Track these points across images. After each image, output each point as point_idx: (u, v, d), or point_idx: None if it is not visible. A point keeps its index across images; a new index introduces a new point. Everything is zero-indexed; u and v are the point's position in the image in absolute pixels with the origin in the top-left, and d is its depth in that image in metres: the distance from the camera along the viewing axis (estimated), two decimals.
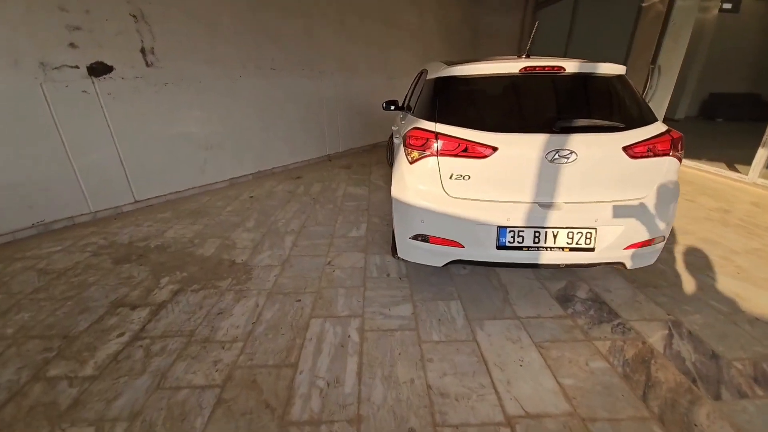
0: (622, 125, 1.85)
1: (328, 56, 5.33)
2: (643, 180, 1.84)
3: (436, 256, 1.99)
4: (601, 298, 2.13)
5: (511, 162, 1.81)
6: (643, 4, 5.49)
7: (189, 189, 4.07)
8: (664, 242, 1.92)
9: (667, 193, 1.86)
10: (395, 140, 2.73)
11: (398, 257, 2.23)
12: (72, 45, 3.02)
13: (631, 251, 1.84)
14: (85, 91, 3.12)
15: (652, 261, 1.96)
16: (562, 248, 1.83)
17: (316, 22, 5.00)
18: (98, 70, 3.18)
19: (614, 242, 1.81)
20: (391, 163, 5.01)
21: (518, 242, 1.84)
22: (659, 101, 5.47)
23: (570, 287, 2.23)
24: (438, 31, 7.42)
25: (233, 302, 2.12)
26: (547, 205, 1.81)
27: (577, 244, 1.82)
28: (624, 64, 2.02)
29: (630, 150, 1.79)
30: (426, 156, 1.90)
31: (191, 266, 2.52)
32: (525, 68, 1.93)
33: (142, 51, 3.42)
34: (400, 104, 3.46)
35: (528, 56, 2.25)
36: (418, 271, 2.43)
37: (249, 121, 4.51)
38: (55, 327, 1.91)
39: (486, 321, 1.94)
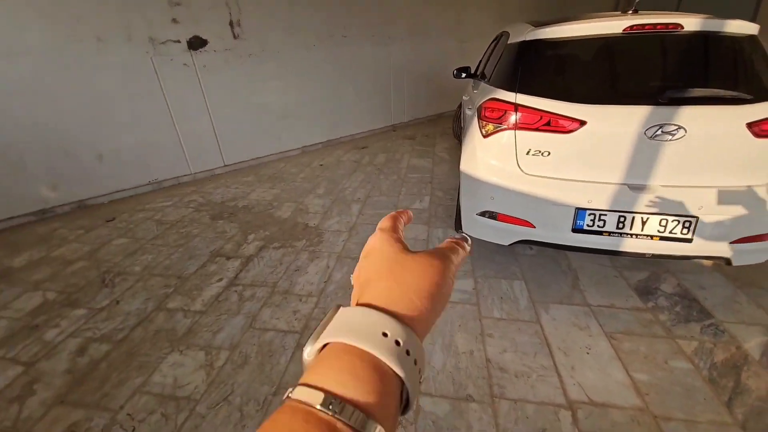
0: (748, 97, 1.55)
1: (399, 20, 5.15)
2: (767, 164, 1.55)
3: (503, 234, 1.95)
4: (691, 294, 1.92)
5: (600, 138, 1.65)
6: None
7: (267, 155, 4.43)
8: None
9: None
10: (468, 111, 2.62)
11: (462, 232, 2.23)
12: (174, 21, 3.36)
13: (739, 246, 1.60)
14: (185, 64, 3.50)
15: (765, 258, 1.69)
16: (651, 236, 1.67)
17: None
18: (195, 44, 3.51)
19: (719, 234, 1.59)
20: (457, 135, 4.84)
21: (598, 226, 1.71)
22: None
23: (653, 279, 2.04)
24: None
25: (308, 261, 2.34)
26: (639, 188, 1.64)
27: (670, 233, 1.64)
28: (752, 21, 1.64)
29: (756, 127, 1.51)
30: (502, 129, 1.82)
31: (272, 226, 2.82)
32: (631, 27, 1.68)
33: (231, 24, 3.67)
34: (473, 71, 3.27)
35: (635, 12, 1.94)
36: (481, 248, 2.40)
37: (321, 91, 4.66)
38: (171, 268, 2.33)
39: (552, 305, 1.89)
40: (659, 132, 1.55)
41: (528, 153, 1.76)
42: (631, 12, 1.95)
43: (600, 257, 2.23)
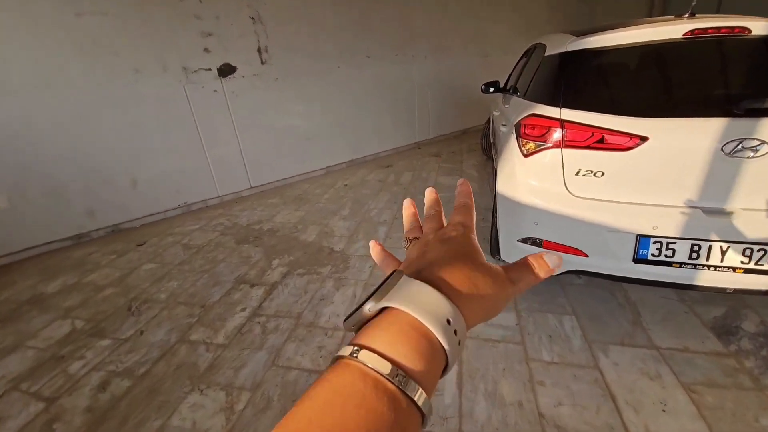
0: None
1: (421, 38, 5.12)
2: None
3: None
4: None
5: (665, 155, 1.45)
6: None
7: (292, 177, 4.43)
8: None
9: None
10: (502, 128, 2.47)
11: (500, 259, 2.04)
12: (206, 50, 3.46)
13: None
14: (215, 91, 3.59)
15: None
16: (733, 269, 1.41)
17: (410, 4, 4.83)
18: (225, 71, 3.60)
19: None
20: (485, 150, 4.66)
21: (666, 256, 1.48)
22: None
23: (732, 316, 1.75)
24: None
25: (333, 289, 2.22)
26: (716, 212, 1.41)
27: (757, 264, 1.38)
28: None
29: None
30: (546, 148, 1.65)
31: (296, 251, 2.73)
32: (692, 32, 1.50)
33: (258, 50, 3.75)
34: (502, 85, 3.13)
35: (692, 15, 1.75)
36: None
37: (344, 111, 4.66)
38: (196, 296, 2.27)
39: (611, 346, 1.64)
40: (740, 147, 1.33)
41: (578, 173, 1.58)
42: (687, 15, 1.76)
43: (662, 288, 1.96)
